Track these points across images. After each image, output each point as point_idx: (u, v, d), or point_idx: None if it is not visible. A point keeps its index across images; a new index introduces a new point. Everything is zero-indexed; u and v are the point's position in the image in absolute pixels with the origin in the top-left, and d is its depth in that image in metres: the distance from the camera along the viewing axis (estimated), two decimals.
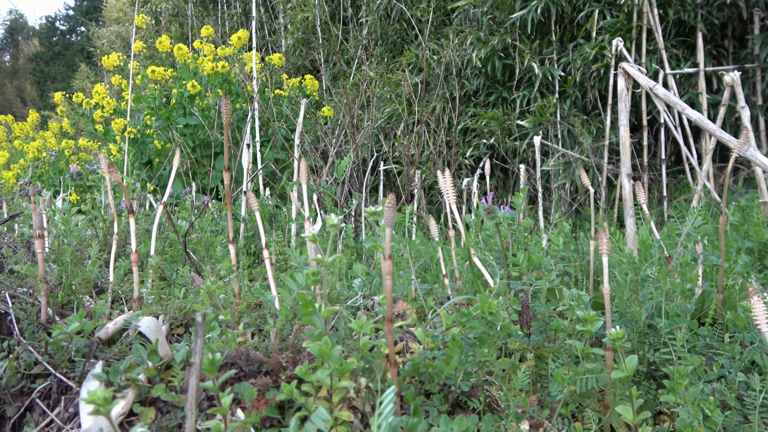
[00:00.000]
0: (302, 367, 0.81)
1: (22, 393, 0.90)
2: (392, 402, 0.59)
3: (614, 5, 4.53)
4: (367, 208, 0.88)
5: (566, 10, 4.75)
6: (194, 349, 0.70)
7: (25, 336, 0.98)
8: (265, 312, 1.18)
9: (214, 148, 5.76)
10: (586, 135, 4.50)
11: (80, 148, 9.74)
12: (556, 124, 4.79)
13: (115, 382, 0.83)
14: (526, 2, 4.86)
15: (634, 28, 4.37)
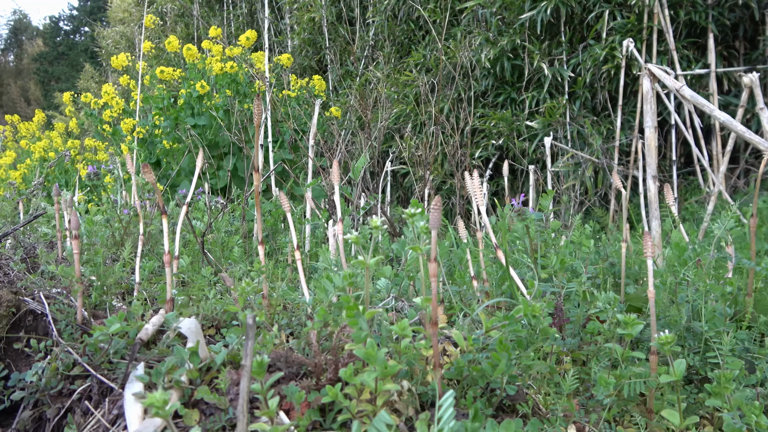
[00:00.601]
0: (347, 369, 0.81)
1: (60, 394, 0.89)
2: (452, 406, 0.59)
3: (625, 6, 4.52)
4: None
5: (576, 11, 4.74)
6: (245, 352, 0.69)
7: (64, 337, 0.97)
8: (300, 313, 1.17)
9: (223, 148, 5.76)
10: (596, 136, 4.49)
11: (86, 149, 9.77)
12: (566, 125, 4.78)
13: (158, 383, 0.83)
14: (536, 3, 4.86)
15: (644, 29, 4.36)
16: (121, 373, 0.89)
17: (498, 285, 1.32)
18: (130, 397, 0.80)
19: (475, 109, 5.54)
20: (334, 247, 1.79)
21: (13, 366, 0.99)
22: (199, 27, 10.49)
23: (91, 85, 16.86)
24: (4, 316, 0.99)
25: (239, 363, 0.93)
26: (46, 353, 0.97)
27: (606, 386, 0.83)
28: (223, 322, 1.14)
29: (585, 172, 4.49)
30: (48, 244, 1.62)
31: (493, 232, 1.43)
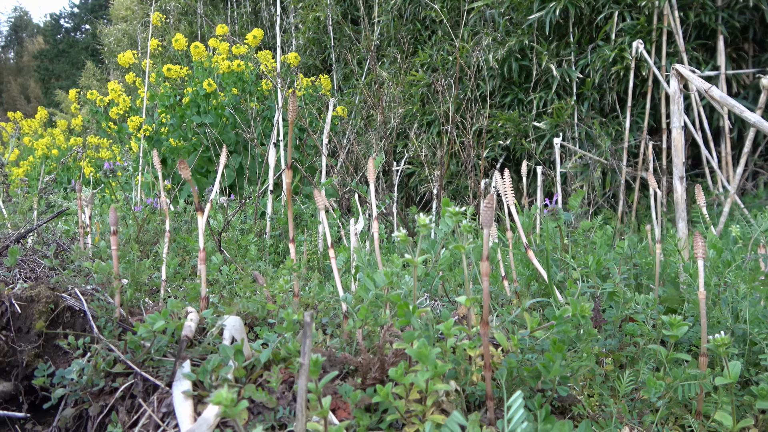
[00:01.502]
0: (397, 369, 0.80)
1: (101, 392, 0.88)
2: (521, 407, 0.58)
3: (634, 7, 4.51)
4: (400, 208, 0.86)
5: (585, 12, 4.73)
6: (303, 351, 0.68)
7: (105, 334, 0.96)
8: (329, 311, 1.16)
9: (228, 146, 5.74)
10: (605, 137, 4.49)
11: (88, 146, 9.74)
12: (574, 126, 4.78)
13: (205, 382, 0.82)
14: (544, 3, 4.85)
15: (654, 30, 4.36)
16: (166, 371, 0.88)
17: (527, 285, 1.31)
18: (179, 395, 0.79)
19: (482, 110, 5.53)
20: (355, 245, 1.78)
21: (52, 362, 0.98)
22: (202, 25, 10.47)
23: (92, 83, 16.83)
24: (43, 312, 0.98)
25: (279, 361, 0.92)
26: (84, 350, 0.96)
27: (657, 388, 0.82)
28: (256, 319, 1.13)
29: (594, 173, 4.49)
30: (70, 240, 1.61)
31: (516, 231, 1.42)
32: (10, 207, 2.18)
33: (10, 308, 0.97)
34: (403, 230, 0.87)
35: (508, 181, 1.34)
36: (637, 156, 4.62)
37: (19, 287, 1.03)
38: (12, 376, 0.95)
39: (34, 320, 0.98)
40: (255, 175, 5.66)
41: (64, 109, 20.62)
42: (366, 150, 6.12)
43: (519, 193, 5.52)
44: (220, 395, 0.58)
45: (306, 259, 2.49)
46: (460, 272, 1.37)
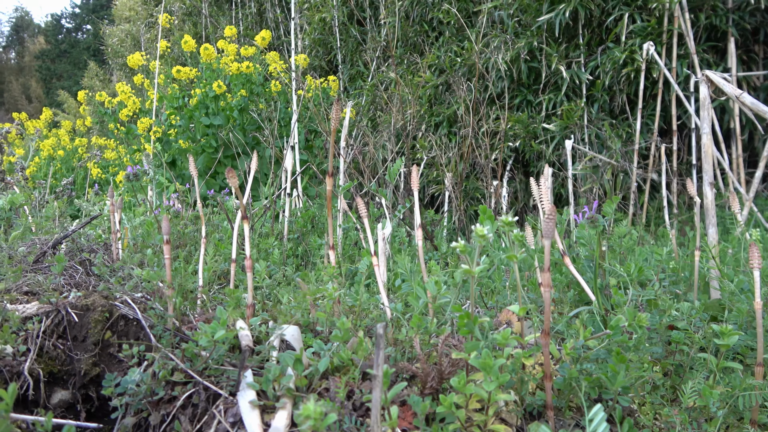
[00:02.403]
0: (459, 378, 0.80)
1: (160, 401, 0.89)
2: (604, 420, 0.59)
3: (645, 9, 4.52)
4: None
5: (594, 14, 4.74)
6: (376, 362, 0.69)
7: (162, 343, 0.97)
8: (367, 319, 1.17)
9: (237, 148, 5.75)
10: (615, 139, 4.50)
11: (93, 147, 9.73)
12: (584, 128, 4.79)
13: (268, 392, 0.82)
14: (554, 5, 4.86)
15: (664, 32, 4.37)
16: (226, 380, 0.89)
17: (564, 291, 1.32)
18: (246, 404, 0.80)
19: (490, 111, 5.54)
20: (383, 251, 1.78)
21: (107, 370, 0.99)
22: (207, 26, 10.48)
23: (95, 83, 16.82)
24: (99, 321, 0.99)
25: (335, 370, 0.92)
26: (140, 358, 0.96)
27: (714, 398, 0.83)
28: (300, 326, 1.13)
29: (604, 175, 4.50)
30: (103, 246, 1.61)
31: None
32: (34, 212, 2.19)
33: (66, 317, 0.98)
34: (461, 241, 0.88)
35: (544, 188, 1.35)
36: (647, 158, 4.63)
37: (72, 296, 1.04)
38: (69, 384, 0.96)
39: (90, 329, 0.99)
40: (264, 177, 5.67)
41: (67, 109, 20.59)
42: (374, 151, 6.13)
43: (529, 194, 5.53)
44: (308, 409, 0.58)
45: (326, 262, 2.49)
46: (498, 279, 1.38)
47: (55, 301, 1.00)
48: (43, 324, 0.96)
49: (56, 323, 0.98)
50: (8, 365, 0.87)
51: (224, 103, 5.30)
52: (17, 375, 0.88)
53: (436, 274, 1.02)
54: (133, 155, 5.91)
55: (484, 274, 1.29)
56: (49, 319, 0.97)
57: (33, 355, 0.91)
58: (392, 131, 4.29)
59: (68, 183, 2.77)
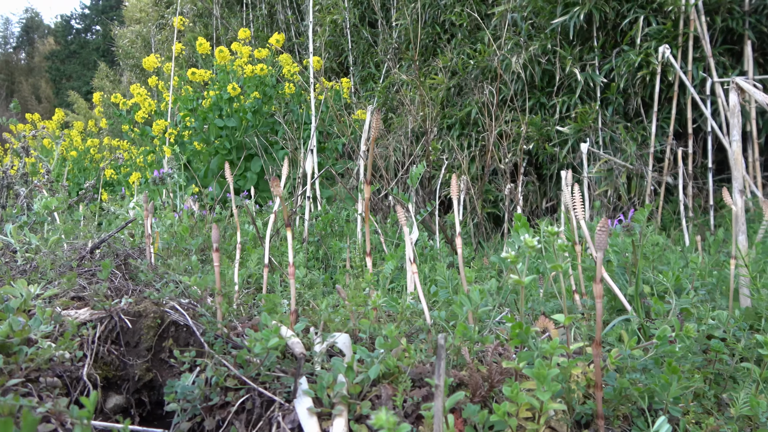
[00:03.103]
0: (512, 387, 0.82)
1: (212, 406, 0.90)
2: (669, 431, 0.60)
3: (660, 12, 4.52)
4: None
5: (609, 17, 4.74)
6: (437, 372, 0.70)
7: (215, 349, 0.99)
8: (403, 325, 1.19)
9: (249, 150, 5.78)
10: (630, 142, 4.49)
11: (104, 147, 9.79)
12: (598, 131, 4.78)
13: (323, 398, 0.84)
14: (568, 8, 4.86)
15: (680, 35, 4.36)
16: (278, 386, 0.90)
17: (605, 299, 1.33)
18: (303, 411, 0.82)
19: (502, 114, 5.54)
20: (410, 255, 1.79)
21: (159, 376, 1.01)
22: (218, 27, 10.53)
23: (105, 84, 16.92)
24: (151, 327, 1.01)
25: (380, 376, 0.94)
26: (192, 365, 0.98)
27: (762, 408, 0.84)
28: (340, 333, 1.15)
29: (618, 179, 4.49)
30: (137, 250, 1.64)
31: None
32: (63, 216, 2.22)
33: (120, 323, 1.00)
34: (511, 251, 0.89)
35: (577, 195, 1.36)
36: (661, 161, 4.62)
37: (124, 302, 1.06)
38: (123, 389, 0.98)
39: (143, 335, 1.01)
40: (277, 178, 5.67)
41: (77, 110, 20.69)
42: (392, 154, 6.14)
43: (541, 196, 5.53)
44: (380, 418, 0.60)
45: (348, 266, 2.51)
46: (534, 286, 1.39)
47: (107, 307, 1.03)
48: (97, 330, 0.98)
49: (110, 329, 1.00)
50: (67, 370, 0.89)
51: (237, 105, 5.34)
52: (76, 380, 0.90)
53: (478, 284, 1.03)
54: (147, 156, 5.95)
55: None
56: (102, 325, 0.99)
57: (90, 360, 0.93)
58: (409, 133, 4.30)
59: (91, 185, 2.81)
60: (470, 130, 5.72)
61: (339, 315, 1.16)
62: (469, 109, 5.72)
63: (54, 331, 0.93)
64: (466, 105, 5.77)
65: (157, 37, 13.08)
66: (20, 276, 1.29)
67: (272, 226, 1.55)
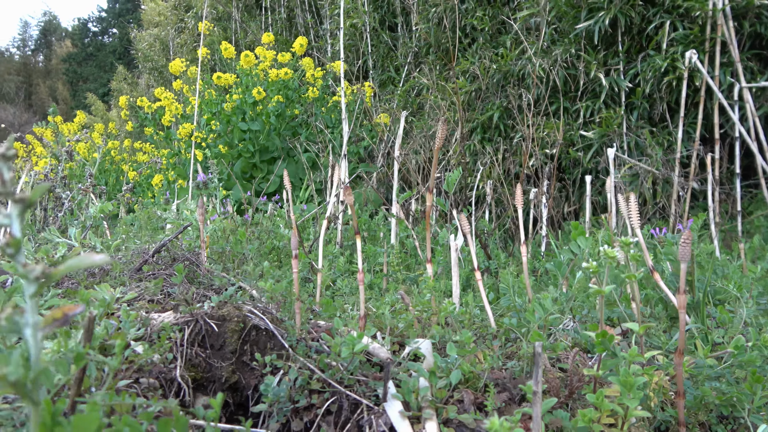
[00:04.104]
0: (596, 395, 0.84)
1: (297, 409, 0.93)
2: None
3: (687, 17, 4.51)
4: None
5: (635, 21, 4.74)
6: (535, 379, 0.73)
7: (299, 353, 1.02)
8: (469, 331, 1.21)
9: (273, 153, 5.84)
10: (656, 147, 4.48)
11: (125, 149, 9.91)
12: (622, 136, 4.78)
13: (411, 402, 0.87)
14: (593, 13, 4.87)
15: (707, 40, 4.35)
16: (364, 389, 0.93)
17: (653, 306, 1.34)
18: (395, 414, 0.85)
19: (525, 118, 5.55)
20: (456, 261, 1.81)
21: (242, 378, 1.04)
22: (236, 31, 10.62)
23: (123, 87, 17.11)
24: (235, 331, 1.05)
25: (463, 382, 0.97)
26: (273, 367, 1.02)
27: None
28: (406, 338, 1.18)
29: (644, 183, 4.49)
30: (193, 255, 1.68)
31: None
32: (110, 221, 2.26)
33: (205, 326, 1.04)
34: (592, 261, 0.91)
35: (633, 205, 1.37)
36: (686, 166, 4.60)
37: (207, 306, 1.10)
38: (209, 390, 1.01)
39: (227, 338, 1.04)
40: (300, 182, 5.74)
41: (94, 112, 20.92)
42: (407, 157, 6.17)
43: (563, 201, 5.53)
44: (494, 423, 0.62)
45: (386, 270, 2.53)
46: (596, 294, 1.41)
47: (193, 311, 1.06)
48: (185, 333, 1.02)
49: (195, 332, 1.04)
50: (161, 372, 0.93)
51: (260, 108, 5.40)
52: (170, 381, 0.93)
53: (545, 291, 1.06)
54: (170, 159, 6.03)
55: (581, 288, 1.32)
56: (189, 328, 1.03)
57: (181, 362, 0.97)
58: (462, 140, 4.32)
59: (129, 188, 2.86)
60: (492, 135, 5.73)
61: (402, 321, 1.19)
62: (491, 113, 5.74)
63: (145, 333, 0.97)
64: (488, 109, 5.79)
65: (176, 41, 13.19)
66: (91, 279, 1.34)
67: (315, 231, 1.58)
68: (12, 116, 26.85)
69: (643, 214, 4.64)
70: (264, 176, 5.62)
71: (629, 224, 1.41)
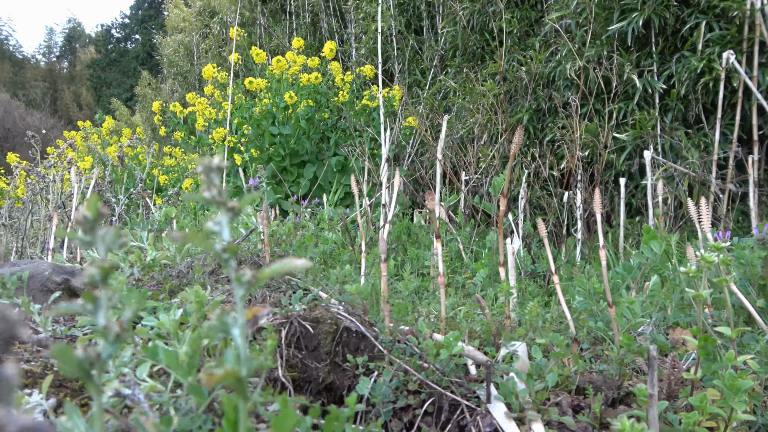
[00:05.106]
0: (700, 397, 0.85)
1: (394, 410, 0.96)
2: None
3: (723, 17, 4.46)
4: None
5: (669, 22, 4.69)
6: (650, 382, 0.74)
7: (394, 354, 1.05)
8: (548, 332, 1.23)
9: (303, 156, 5.89)
10: (692, 149, 4.44)
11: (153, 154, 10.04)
12: (657, 138, 4.73)
13: (513, 404, 0.89)
14: (625, 14, 4.84)
15: (745, 40, 4.30)
16: (463, 391, 0.95)
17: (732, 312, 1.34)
18: (501, 415, 0.86)
19: (555, 120, 5.53)
20: (512, 265, 1.82)
21: (335, 379, 1.07)
22: (261, 36, 10.74)
23: (147, 92, 17.37)
24: (329, 332, 1.08)
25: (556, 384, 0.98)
26: (366, 369, 1.04)
27: None
28: (485, 341, 1.20)
29: (680, 186, 4.44)
30: (257, 257, 1.72)
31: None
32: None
33: (300, 328, 1.07)
34: (691, 266, 0.92)
35: (704, 209, 1.37)
36: (723, 168, 4.54)
37: (299, 308, 1.13)
38: (306, 391, 1.04)
39: (322, 339, 1.07)
40: (329, 185, 5.78)
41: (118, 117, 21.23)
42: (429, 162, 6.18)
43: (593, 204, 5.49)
44: (625, 424, 0.64)
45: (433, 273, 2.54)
46: (668, 297, 1.41)
47: (288, 313, 1.09)
48: (282, 334, 1.05)
49: (291, 333, 1.07)
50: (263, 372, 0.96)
51: (290, 112, 5.45)
52: (274, 381, 0.97)
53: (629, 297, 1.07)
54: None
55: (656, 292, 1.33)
56: (285, 329, 1.06)
57: (282, 363, 1.00)
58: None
59: (174, 193, 2.92)
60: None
61: (479, 323, 1.21)
62: (520, 115, 5.73)
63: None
64: (517, 111, 5.78)
65: (201, 46, 13.37)
66: (172, 280, 1.38)
67: (363, 234, 1.60)
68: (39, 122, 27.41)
69: (679, 217, 4.59)
70: (294, 179, 5.68)
71: (699, 228, 1.40)
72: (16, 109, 26.92)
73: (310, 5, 9.56)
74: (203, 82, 14.37)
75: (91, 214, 0.39)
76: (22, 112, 26.98)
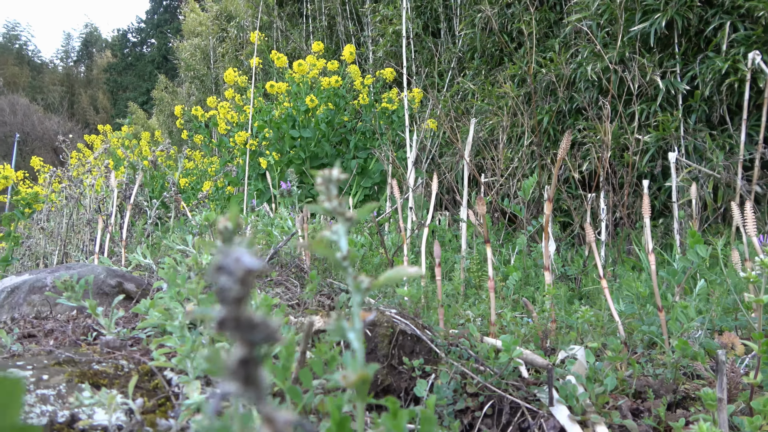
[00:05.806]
0: (763, 401, 0.85)
1: (454, 411, 0.98)
2: None
3: (748, 17, 4.42)
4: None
5: (692, 23, 4.66)
6: (720, 386, 0.75)
7: (452, 357, 1.07)
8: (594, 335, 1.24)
9: (323, 159, 5.93)
10: (717, 151, 4.40)
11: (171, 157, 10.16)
12: (680, 139, 4.70)
13: (574, 407, 0.90)
14: (648, 15, 4.81)
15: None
16: (523, 394, 0.97)
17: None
18: (564, 417, 0.88)
19: (576, 122, 5.51)
20: (601, 270, 1.80)
21: (392, 381, 1.09)
22: (278, 39, 10.81)
23: (164, 95, 17.54)
24: (385, 335, 1.10)
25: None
26: (423, 371, 1.06)
27: None
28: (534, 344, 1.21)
29: (705, 188, 4.40)
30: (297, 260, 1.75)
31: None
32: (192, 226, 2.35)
33: None
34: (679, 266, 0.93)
35: (749, 212, 1.37)
36: (748, 169, 4.50)
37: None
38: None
39: (379, 342, 1.09)
40: (349, 188, 5.81)
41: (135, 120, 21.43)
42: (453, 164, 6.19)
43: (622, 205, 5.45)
44: (702, 427, 0.65)
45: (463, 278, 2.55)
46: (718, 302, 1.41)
47: None
48: None
49: None
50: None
51: (310, 115, 5.50)
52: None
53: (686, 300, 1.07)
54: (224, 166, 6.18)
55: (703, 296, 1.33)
56: None
57: (342, 365, 1.02)
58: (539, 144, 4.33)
59: (204, 196, 2.97)
60: (542, 139, 5.70)
61: (526, 326, 1.22)
62: (541, 117, 5.72)
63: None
64: (537, 113, 5.77)
65: (218, 50, 13.47)
66: None
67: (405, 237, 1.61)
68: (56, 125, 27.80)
69: (704, 219, 4.55)
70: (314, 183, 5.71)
71: (744, 231, 1.40)
72: (35, 113, 27.34)
73: (326, 9, 9.62)
74: (220, 85, 14.48)
75: (231, 225, 0.42)
76: (40, 116, 27.39)
